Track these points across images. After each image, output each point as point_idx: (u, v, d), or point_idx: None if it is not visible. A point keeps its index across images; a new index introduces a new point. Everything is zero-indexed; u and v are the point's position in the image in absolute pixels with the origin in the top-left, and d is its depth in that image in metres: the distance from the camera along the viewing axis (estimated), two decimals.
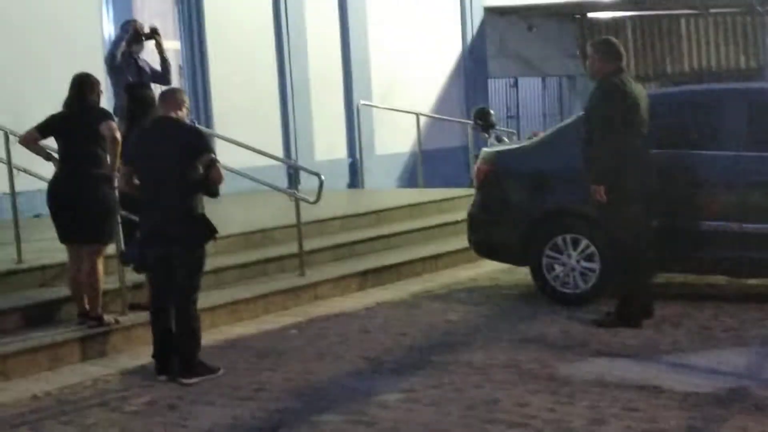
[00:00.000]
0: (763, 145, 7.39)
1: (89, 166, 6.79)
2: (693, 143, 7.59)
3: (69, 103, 6.91)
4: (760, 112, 7.55)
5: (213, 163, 6.15)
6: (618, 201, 6.83)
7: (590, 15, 20.69)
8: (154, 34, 9.14)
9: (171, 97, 6.40)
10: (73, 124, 6.82)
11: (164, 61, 9.32)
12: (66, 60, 10.00)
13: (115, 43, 9.15)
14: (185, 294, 6.13)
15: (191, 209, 6.16)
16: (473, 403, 5.39)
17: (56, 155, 7.02)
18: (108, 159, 6.79)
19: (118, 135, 6.76)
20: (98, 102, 7.01)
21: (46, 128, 6.94)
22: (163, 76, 9.15)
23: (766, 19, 18.29)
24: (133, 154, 6.35)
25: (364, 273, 8.97)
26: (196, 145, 6.22)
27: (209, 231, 6.21)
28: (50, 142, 7.06)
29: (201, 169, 6.15)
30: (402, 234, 10.28)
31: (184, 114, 6.32)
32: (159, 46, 9.24)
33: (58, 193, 6.85)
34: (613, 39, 7.42)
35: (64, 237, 6.93)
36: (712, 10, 19.71)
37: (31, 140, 6.96)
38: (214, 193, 6.28)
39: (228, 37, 12.97)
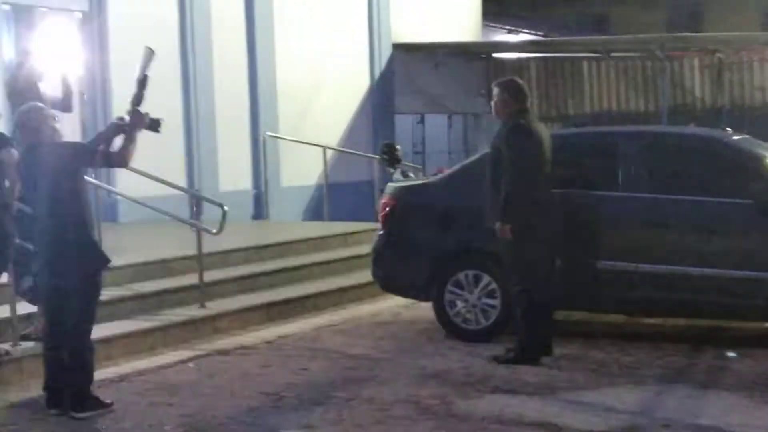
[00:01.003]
0: (659, 188, 7.58)
1: None
2: (592, 184, 7.73)
3: None
4: (657, 155, 7.75)
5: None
6: (523, 239, 6.91)
7: (496, 55, 21.07)
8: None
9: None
10: None
11: (67, 88, 9.11)
12: None
13: (18, 67, 8.91)
14: (78, 325, 5.95)
15: (82, 235, 5.97)
16: None
17: None
18: (5, 185, 6.58)
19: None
20: None
21: None
22: (62, 102, 8.92)
23: (665, 64, 18.86)
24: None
25: (267, 306, 8.88)
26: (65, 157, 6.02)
27: (102, 260, 6.06)
28: None
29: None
30: (306, 267, 10.22)
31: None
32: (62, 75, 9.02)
33: None
34: (518, 79, 7.55)
35: None
36: (614, 54, 20.25)
37: None
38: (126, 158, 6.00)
39: (132, 63, 12.74)
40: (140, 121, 6.02)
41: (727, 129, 8.89)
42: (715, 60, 19.81)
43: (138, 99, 6.06)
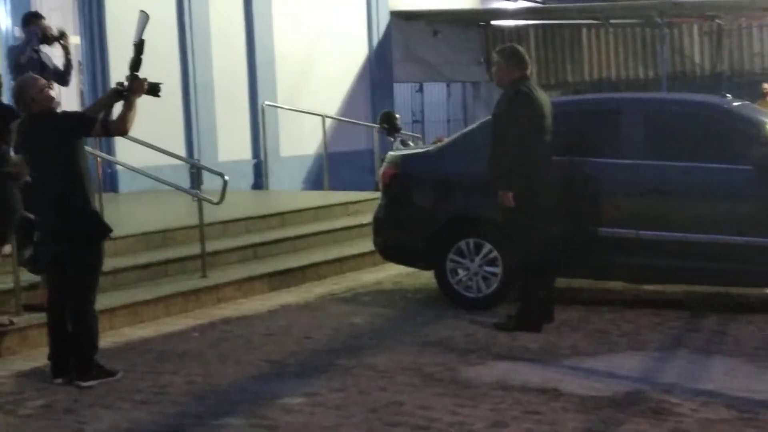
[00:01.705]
0: (659, 154, 7.58)
1: None
2: (593, 151, 7.74)
3: None
4: (657, 122, 7.75)
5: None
6: (524, 207, 6.93)
7: (494, 23, 21.01)
8: (62, 36, 8.87)
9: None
10: None
11: (68, 63, 9.08)
12: None
13: (26, 43, 8.89)
14: (81, 294, 5.98)
15: (82, 205, 5.98)
16: (377, 406, 5.39)
17: None
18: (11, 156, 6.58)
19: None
20: None
21: None
22: (63, 77, 8.90)
23: (664, 31, 18.80)
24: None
25: (269, 275, 8.90)
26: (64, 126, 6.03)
27: (103, 229, 6.07)
28: None
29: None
30: (307, 236, 10.24)
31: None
32: (65, 49, 8.98)
33: None
34: (518, 47, 7.53)
35: None
36: (613, 21, 20.20)
37: None
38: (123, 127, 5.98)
39: (129, 33, 12.69)
40: (139, 87, 6.00)
41: (727, 95, 8.84)
42: (714, 26, 19.78)
43: (136, 64, 6.03)
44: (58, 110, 6.26)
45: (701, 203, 7.47)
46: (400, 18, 18.35)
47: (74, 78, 12.76)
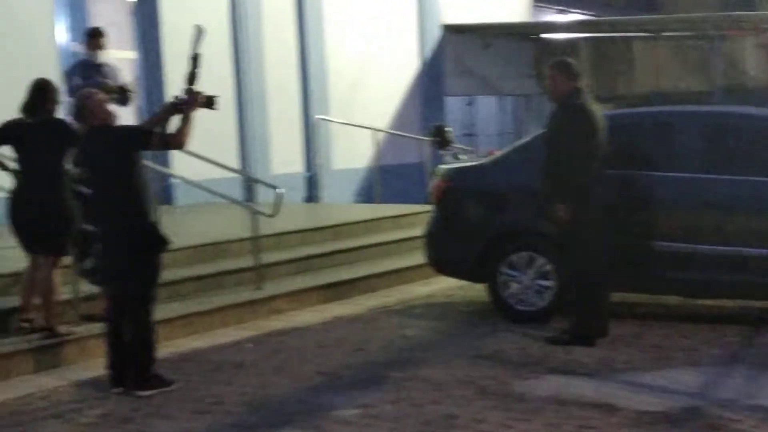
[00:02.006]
0: (716, 167, 7.51)
1: (53, 176, 6.70)
2: (648, 164, 7.68)
3: (28, 109, 6.75)
4: (714, 135, 7.68)
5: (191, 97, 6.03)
6: (579, 220, 6.90)
7: (546, 36, 20.94)
8: (120, 92, 8.87)
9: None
10: (35, 133, 6.69)
11: (124, 84, 9.22)
12: (20, 69, 9.89)
13: (72, 69, 9.15)
14: (140, 305, 6.07)
15: (141, 217, 6.06)
16: (430, 419, 5.40)
17: (11, 164, 6.90)
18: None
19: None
20: (55, 110, 6.91)
21: (1, 135, 6.80)
22: (119, 98, 8.95)
23: (717, 43, 18.62)
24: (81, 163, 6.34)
25: (322, 287, 8.96)
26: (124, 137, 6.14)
27: (161, 241, 6.16)
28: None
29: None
30: (359, 249, 10.29)
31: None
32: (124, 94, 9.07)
33: (22, 204, 6.72)
34: (571, 59, 7.52)
35: (28, 247, 6.84)
36: (665, 33, 20.03)
37: None
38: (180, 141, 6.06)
39: (184, 48, 12.87)
40: (195, 100, 6.09)
41: None
42: None
43: (192, 77, 6.13)
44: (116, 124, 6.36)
45: (758, 217, 7.39)
46: (452, 31, 18.37)
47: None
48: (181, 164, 11.14)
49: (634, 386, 5.98)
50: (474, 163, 9.11)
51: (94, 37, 9.43)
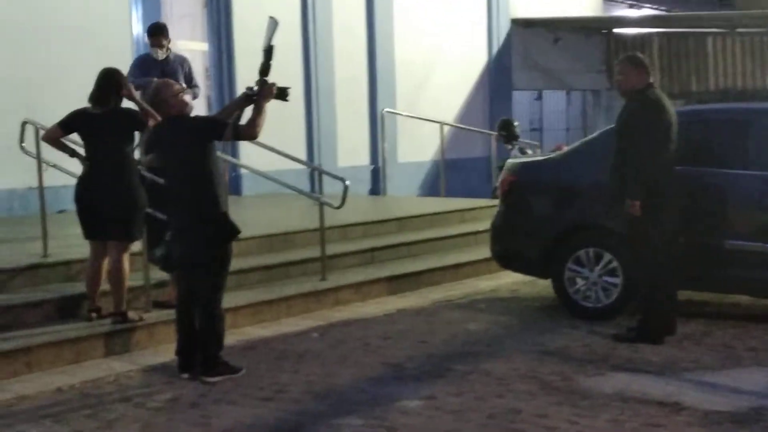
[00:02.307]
0: None
1: (120, 163, 6.83)
2: (721, 161, 7.57)
3: (95, 99, 6.88)
4: None
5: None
6: (650, 217, 6.83)
7: (616, 30, 20.70)
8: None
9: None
10: (102, 122, 6.82)
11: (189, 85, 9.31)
12: (95, 59, 10.00)
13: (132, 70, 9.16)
14: (210, 293, 6.17)
15: (212, 206, 6.14)
16: (494, 413, 5.41)
17: (82, 152, 7.05)
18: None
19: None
20: (122, 99, 7.02)
21: (69, 124, 6.92)
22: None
23: None
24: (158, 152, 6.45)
25: (386, 279, 9.00)
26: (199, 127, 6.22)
27: (231, 231, 6.24)
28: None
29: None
30: (424, 242, 10.30)
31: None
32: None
33: (89, 190, 6.87)
34: (641, 54, 7.45)
35: (91, 234, 6.97)
36: (740, 30, 19.67)
37: (54, 137, 6.97)
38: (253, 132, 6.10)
39: (255, 40, 12.97)
40: (269, 91, 6.15)
41: None
42: None
43: (265, 69, 6.19)
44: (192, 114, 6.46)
45: None
46: (521, 25, 18.28)
47: (202, 84, 13.18)
48: (249, 155, 11.28)
49: (701, 385, 5.91)
50: (542, 158, 9.06)
51: (152, 35, 9.41)
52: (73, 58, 10.84)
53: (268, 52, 6.17)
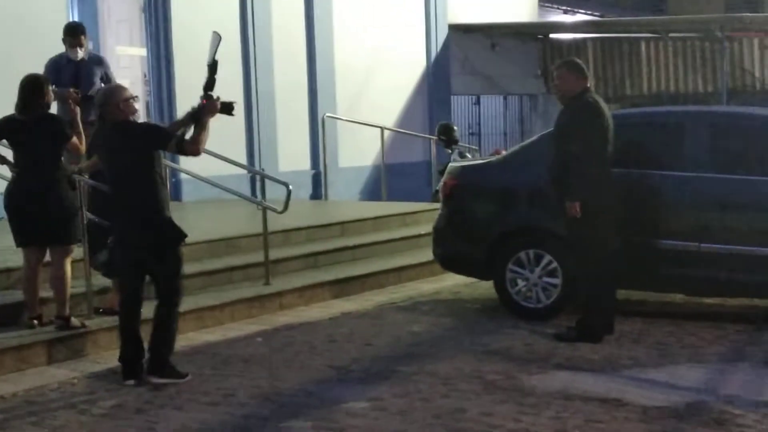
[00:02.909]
0: (723, 167, 7.59)
1: (50, 169, 6.81)
2: (656, 163, 7.76)
3: (21, 107, 6.84)
4: (721, 135, 7.76)
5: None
6: (589, 218, 6.98)
7: (553, 36, 21.02)
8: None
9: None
10: (29, 129, 6.78)
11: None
12: (32, 60, 9.95)
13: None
14: (168, 298, 6.19)
15: (157, 211, 6.15)
16: (440, 412, 5.48)
17: (9, 159, 7.00)
18: (65, 160, 6.90)
19: (79, 145, 6.96)
20: (49, 105, 6.97)
21: None
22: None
23: (724, 45, 18.68)
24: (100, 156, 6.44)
25: (330, 283, 9.04)
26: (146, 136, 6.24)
27: (177, 235, 6.24)
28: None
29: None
30: (366, 246, 10.36)
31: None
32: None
33: (20, 197, 6.81)
34: (578, 60, 7.62)
35: (25, 241, 6.90)
36: (672, 35, 20.09)
37: None
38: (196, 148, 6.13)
39: (194, 45, 12.95)
40: (212, 107, 6.18)
41: None
42: None
43: (210, 84, 6.22)
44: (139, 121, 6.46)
45: (764, 217, 7.46)
46: (459, 31, 18.45)
47: (140, 89, 13.08)
48: (189, 160, 11.14)
49: (640, 382, 6.06)
50: (482, 162, 9.19)
51: (72, 35, 8.92)
52: (7, 62, 10.68)
53: (213, 67, 6.20)
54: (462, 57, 18.71)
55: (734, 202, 7.48)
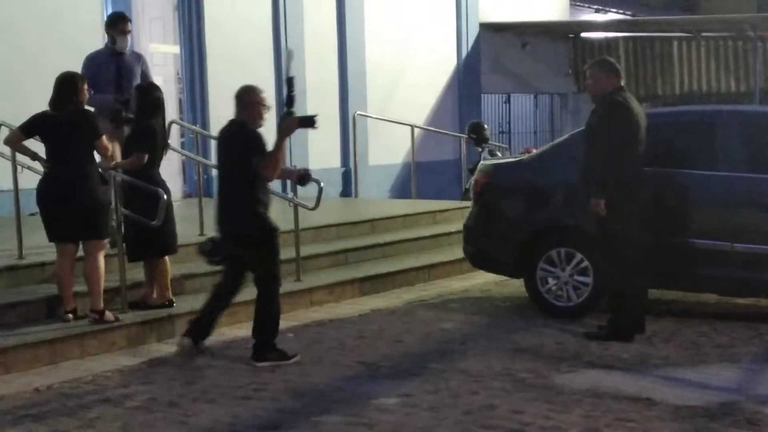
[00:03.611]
0: (756, 167, 7.54)
1: (81, 165, 6.93)
2: (689, 162, 7.72)
3: (53, 102, 6.96)
4: (755, 134, 7.71)
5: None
6: (619, 216, 6.96)
7: (583, 35, 20.93)
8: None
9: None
10: (60, 125, 6.89)
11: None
12: (68, 59, 10.06)
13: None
14: (263, 283, 6.59)
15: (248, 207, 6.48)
16: (470, 409, 5.50)
17: (43, 155, 7.10)
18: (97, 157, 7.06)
19: (108, 144, 7.12)
20: (83, 102, 7.06)
21: (29, 128, 7.02)
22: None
23: (757, 44, 18.52)
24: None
25: (359, 280, 9.07)
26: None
27: (266, 230, 6.54)
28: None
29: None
30: (396, 243, 10.38)
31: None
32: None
33: (51, 192, 6.92)
34: (611, 59, 7.61)
35: (57, 235, 6.99)
36: (704, 34, 19.95)
37: (15, 140, 7.11)
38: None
39: (227, 43, 13.09)
40: (289, 125, 6.42)
41: None
42: None
43: (290, 100, 6.37)
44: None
45: None
46: (489, 30, 18.42)
47: (173, 87, 13.17)
48: None
49: (672, 381, 6.04)
50: (514, 160, 9.18)
51: (117, 22, 8.64)
52: (45, 58, 10.79)
53: (289, 83, 6.34)
54: (492, 55, 18.67)
55: (766, 201, 7.42)
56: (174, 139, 11.55)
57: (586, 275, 7.81)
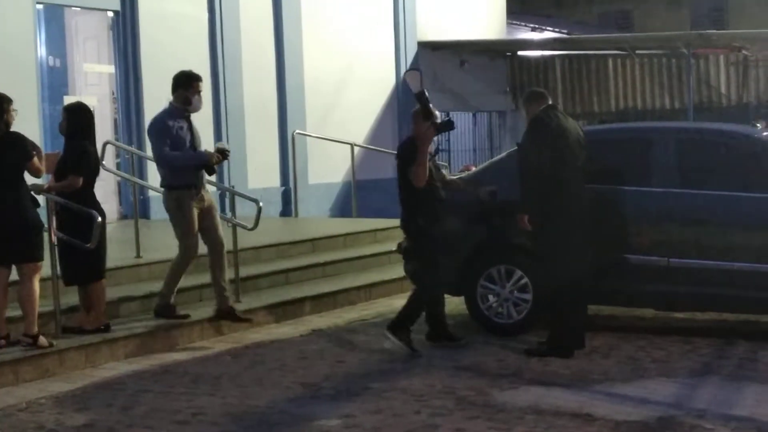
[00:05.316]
0: (691, 183, 7.65)
1: (12, 187, 6.78)
2: (625, 179, 7.81)
3: None
4: (689, 151, 7.83)
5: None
6: (554, 232, 7.02)
7: (521, 53, 21.16)
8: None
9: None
10: None
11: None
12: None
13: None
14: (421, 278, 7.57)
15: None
16: (412, 428, 5.47)
17: None
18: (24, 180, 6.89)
19: (40, 165, 6.92)
20: (9, 124, 6.90)
21: None
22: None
23: (690, 62, 18.89)
24: None
25: (300, 300, 9.01)
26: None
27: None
28: None
29: None
30: (337, 263, 10.34)
31: None
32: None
33: None
34: (537, 88, 7.84)
35: None
36: (639, 52, 20.28)
37: None
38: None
39: (163, 62, 12.94)
40: (429, 132, 7.13)
41: (757, 124, 8.91)
42: (740, 57, 19.82)
43: (427, 113, 6.95)
44: None
45: (732, 231, 7.53)
46: (428, 48, 18.52)
47: (109, 107, 13.02)
48: (157, 177, 11.13)
49: (611, 397, 6.08)
50: (453, 178, 9.18)
51: (195, 81, 8.03)
52: None
53: (420, 97, 7.07)
54: (431, 74, 18.74)
55: (701, 217, 7.53)
56: (109, 159, 11.40)
57: (526, 292, 7.84)
